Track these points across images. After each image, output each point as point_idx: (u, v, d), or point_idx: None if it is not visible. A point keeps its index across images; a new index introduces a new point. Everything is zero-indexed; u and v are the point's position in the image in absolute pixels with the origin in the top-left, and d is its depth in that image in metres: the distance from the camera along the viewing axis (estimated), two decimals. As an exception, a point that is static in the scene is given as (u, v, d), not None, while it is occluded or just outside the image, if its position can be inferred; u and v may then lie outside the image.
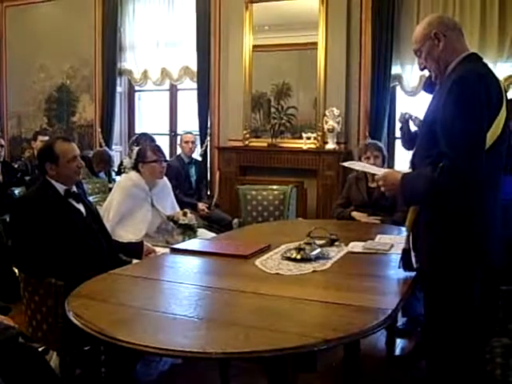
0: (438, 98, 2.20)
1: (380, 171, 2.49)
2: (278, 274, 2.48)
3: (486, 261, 2.13)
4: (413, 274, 2.40)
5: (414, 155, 2.35)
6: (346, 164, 3.11)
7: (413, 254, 2.36)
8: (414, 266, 2.35)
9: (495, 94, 2.11)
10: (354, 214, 4.15)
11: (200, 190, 5.94)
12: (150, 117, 7.79)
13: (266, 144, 6.15)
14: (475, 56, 2.26)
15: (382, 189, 2.37)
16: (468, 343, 2.16)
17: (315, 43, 5.89)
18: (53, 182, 2.91)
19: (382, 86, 5.67)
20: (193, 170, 5.88)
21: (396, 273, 2.47)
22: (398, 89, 5.87)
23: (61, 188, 2.92)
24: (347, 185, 4.38)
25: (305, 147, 5.91)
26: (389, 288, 2.34)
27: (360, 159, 4.25)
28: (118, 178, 5.82)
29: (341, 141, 5.88)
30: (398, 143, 5.50)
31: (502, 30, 5.14)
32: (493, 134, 2.07)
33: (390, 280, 2.46)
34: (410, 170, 2.36)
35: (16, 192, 4.85)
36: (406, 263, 2.39)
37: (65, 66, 7.74)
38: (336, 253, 2.85)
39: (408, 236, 2.37)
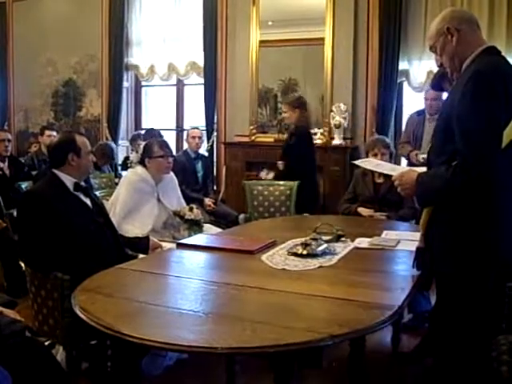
0: (453, 94, 2.14)
1: (394, 171, 2.44)
2: (284, 269, 2.47)
3: (501, 261, 2.10)
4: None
5: (429, 152, 2.31)
6: (357, 162, 3.06)
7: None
8: (428, 265, 2.32)
9: None
10: (360, 209, 4.14)
11: (206, 186, 5.93)
12: (157, 112, 7.79)
13: (272, 139, 6.14)
14: (493, 49, 2.18)
15: (399, 189, 2.31)
16: (475, 340, 2.14)
17: (322, 39, 5.88)
18: (61, 175, 2.92)
19: (389, 82, 5.65)
20: (199, 166, 5.87)
21: (402, 269, 2.46)
22: (405, 85, 5.86)
23: (69, 182, 2.93)
24: (354, 180, 4.37)
25: (311, 143, 5.89)
26: (395, 284, 2.32)
27: (367, 155, 4.24)
28: (124, 173, 5.82)
29: (347, 136, 5.87)
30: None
31: (511, 23, 5.10)
32: (510, 131, 1.99)
33: (396, 276, 2.45)
34: (426, 169, 2.31)
35: (23, 186, 4.85)
36: (419, 262, 2.36)
37: (72, 61, 7.76)
38: (342, 248, 2.84)
39: (422, 235, 2.34)
